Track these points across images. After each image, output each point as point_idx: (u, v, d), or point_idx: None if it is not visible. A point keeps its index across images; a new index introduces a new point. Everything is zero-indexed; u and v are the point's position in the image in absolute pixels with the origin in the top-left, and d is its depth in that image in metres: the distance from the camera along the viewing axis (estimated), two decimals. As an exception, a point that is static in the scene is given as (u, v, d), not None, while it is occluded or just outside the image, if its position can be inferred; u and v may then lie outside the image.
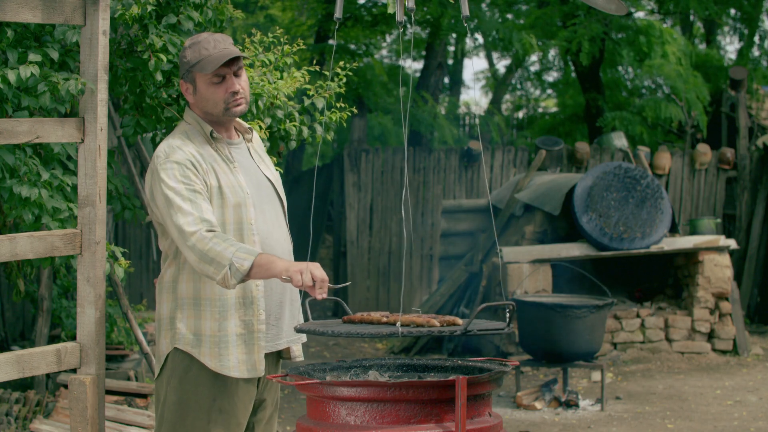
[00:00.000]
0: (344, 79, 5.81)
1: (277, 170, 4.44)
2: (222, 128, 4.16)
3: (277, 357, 4.27)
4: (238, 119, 4.23)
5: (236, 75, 4.10)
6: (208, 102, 4.08)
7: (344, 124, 5.88)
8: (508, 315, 3.81)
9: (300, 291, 4.22)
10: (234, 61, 4.08)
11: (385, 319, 3.90)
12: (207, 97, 4.08)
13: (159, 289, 4.14)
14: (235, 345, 4.00)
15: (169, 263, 4.09)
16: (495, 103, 20.70)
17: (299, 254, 4.49)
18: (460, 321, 3.85)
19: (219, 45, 4.08)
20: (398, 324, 3.77)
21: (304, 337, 4.31)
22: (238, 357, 4.00)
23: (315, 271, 3.77)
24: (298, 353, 4.28)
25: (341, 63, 5.85)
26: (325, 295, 3.76)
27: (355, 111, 5.93)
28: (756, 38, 18.07)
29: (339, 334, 3.73)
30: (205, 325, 3.99)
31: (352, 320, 4.02)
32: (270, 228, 4.12)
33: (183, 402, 4.02)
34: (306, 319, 4.17)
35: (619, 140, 13.86)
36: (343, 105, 5.82)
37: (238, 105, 4.10)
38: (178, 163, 3.97)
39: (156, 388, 4.15)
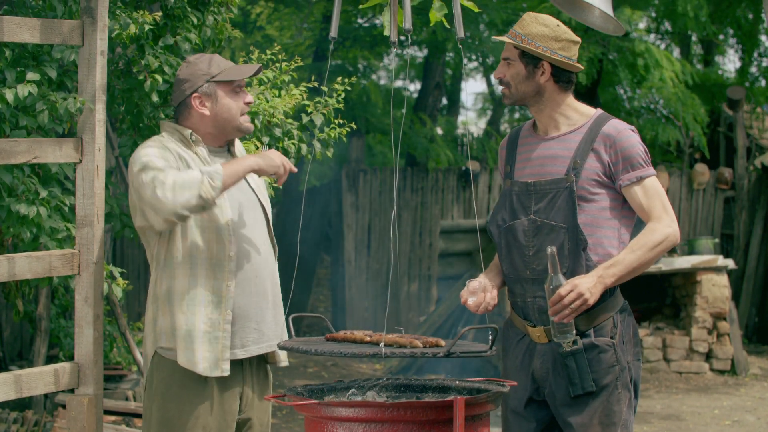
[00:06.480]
0: (342, 95, 5.80)
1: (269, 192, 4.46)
2: (211, 138, 4.19)
3: (263, 364, 4.26)
4: None
5: None
6: (229, 112, 4.14)
7: (344, 140, 5.87)
8: (491, 338, 3.80)
9: (284, 299, 4.25)
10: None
11: (368, 338, 3.88)
12: (229, 107, 4.13)
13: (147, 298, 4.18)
14: (201, 341, 3.99)
15: (152, 270, 4.13)
16: (493, 123, 20.68)
17: (291, 273, 4.48)
18: (443, 342, 3.84)
19: (229, 62, 4.21)
20: (382, 344, 3.75)
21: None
22: (203, 354, 3.99)
23: (282, 156, 4.03)
24: (283, 356, 4.28)
25: (339, 79, 5.84)
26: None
27: (354, 126, 5.92)
28: (755, 57, 18.09)
29: (322, 352, 3.71)
30: (178, 319, 4.01)
31: (335, 338, 4.00)
32: (249, 231, 4.14)
33: (167, 420, 4.04)
34: (289, 336, 4.16)
35: (617, 160, 13.83)
36: (342, 121, 5.81)
37: (248, 120, 4.20)
38: (154, 147, 4.02)
39: (144, 400, 4.16)
